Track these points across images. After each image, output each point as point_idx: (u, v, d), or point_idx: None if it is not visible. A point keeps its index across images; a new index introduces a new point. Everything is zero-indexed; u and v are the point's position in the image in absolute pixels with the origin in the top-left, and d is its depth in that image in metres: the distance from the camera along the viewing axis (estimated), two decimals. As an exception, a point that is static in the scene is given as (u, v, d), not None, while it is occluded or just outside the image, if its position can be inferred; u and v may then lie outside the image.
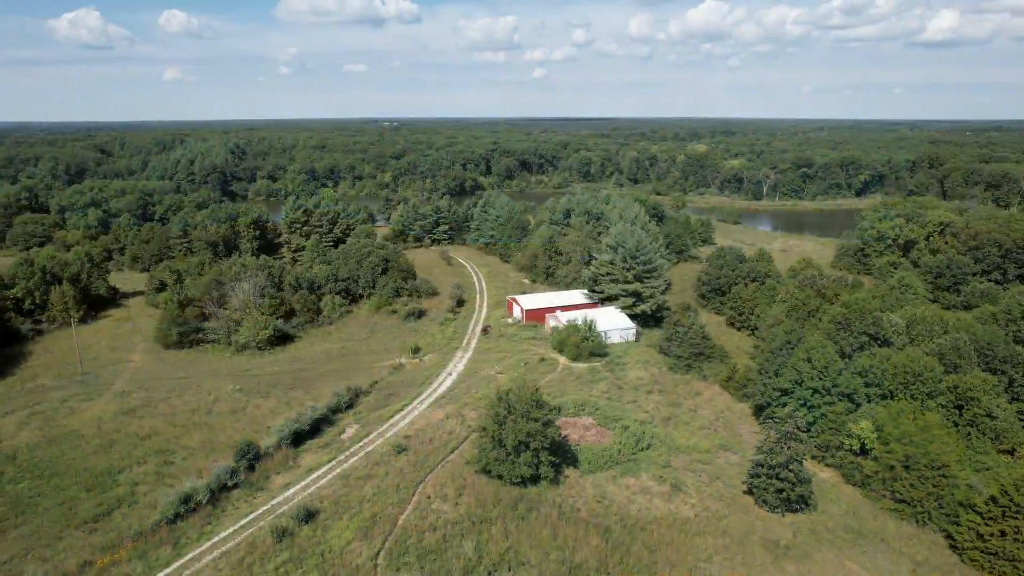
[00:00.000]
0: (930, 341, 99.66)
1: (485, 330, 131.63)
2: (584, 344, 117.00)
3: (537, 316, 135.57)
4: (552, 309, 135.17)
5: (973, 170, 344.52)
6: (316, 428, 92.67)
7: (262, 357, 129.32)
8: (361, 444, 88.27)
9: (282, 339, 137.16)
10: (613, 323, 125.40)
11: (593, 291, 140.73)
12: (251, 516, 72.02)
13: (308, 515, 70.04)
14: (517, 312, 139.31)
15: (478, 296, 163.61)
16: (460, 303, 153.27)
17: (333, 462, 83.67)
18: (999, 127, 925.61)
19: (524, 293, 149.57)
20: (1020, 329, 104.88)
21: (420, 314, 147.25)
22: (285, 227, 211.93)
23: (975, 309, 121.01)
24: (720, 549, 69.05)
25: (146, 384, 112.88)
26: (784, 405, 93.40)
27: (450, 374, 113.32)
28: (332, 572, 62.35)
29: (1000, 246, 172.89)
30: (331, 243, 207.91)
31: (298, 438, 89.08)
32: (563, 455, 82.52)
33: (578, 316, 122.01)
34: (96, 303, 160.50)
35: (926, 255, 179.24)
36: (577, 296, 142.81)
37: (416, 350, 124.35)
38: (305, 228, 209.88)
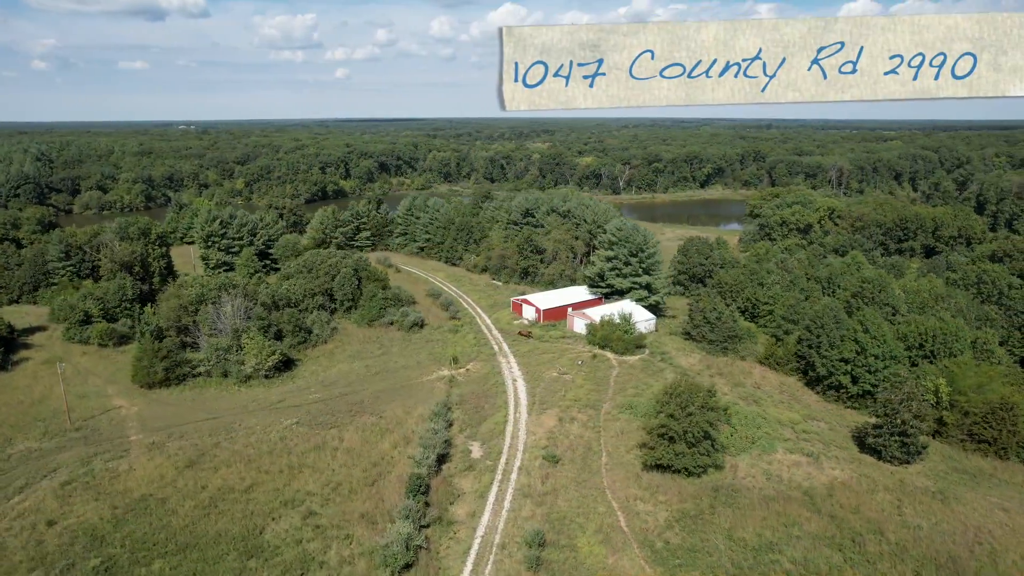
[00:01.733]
0: (930, 307, 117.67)
1: (525, 334, 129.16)
2: (627, 338, 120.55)
3: (554, 315, 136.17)
4: (566, 308, 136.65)
5: (793, 162, 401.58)
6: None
7: (279, 385, 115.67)
8: (503, 460, 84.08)
9: (284, 364, 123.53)
10: (638, 316, 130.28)
11: (596, 286, 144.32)
12: (473, 552, 66.29)
13: (540, 540, 66.27)
14: (530, 313, 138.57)
15: (461, 300, 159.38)
16: (456, 309, 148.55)
17: (496, 483, 79.03)
18: (769, 125, 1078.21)
19: (524, 294, 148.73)
20: (980, 291, 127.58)
21: (422, 324, 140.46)
22: (201, 241, 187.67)
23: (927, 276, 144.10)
24: (897, 503, 76.95)
25: (172, 432, 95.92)
26: (847, 374, 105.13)
27: (514, 380, 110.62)
28: (620, 589, 60.26)
29: (881, 226, 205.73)
30: (256, 255, 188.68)
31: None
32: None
33: (613, 311, 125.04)
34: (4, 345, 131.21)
35: (821, 236, 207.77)
36: (582, 292, 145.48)
37: (455, 360, 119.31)
38: (224, 241, 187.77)
